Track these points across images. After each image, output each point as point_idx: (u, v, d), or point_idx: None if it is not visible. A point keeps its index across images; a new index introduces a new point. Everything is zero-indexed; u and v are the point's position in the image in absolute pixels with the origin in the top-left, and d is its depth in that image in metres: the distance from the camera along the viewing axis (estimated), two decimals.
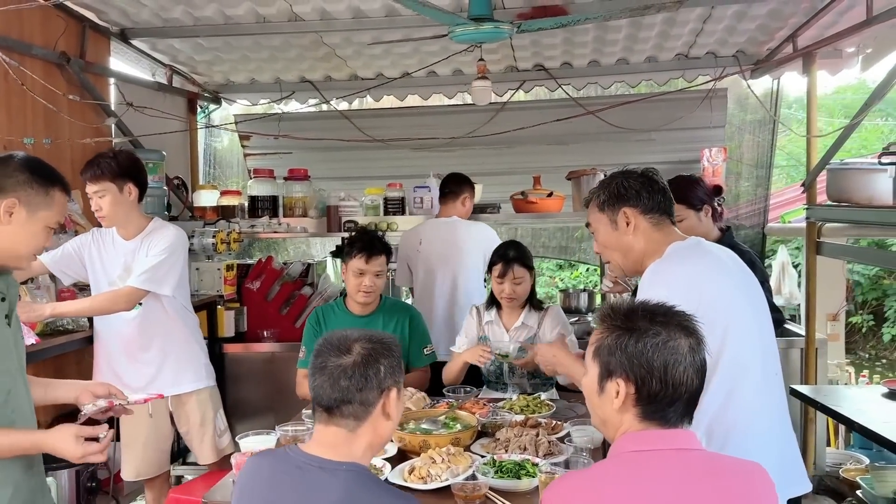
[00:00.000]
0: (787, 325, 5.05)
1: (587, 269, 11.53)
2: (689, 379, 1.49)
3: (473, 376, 3.52)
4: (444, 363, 3.77)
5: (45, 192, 2.01)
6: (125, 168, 3.22)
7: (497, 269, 3.38)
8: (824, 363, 4.64)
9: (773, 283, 6.19)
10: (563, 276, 12.33)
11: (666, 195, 2.18)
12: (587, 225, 2.36)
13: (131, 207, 3.26)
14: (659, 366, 1.47)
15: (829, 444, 5.34)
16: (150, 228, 3.30)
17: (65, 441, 1.93)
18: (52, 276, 3.48)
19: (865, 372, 6.44)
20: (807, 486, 2.20)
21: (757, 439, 2.00)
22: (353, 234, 3.64)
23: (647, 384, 1.47)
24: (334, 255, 5.52)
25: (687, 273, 2.04)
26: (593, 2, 4.05)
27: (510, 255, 3.36)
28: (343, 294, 3.56)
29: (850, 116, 11.84)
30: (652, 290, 2.03)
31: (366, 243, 3.34)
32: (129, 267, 3.23)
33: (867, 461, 4.71)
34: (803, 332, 4.59)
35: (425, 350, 3.52)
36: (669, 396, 1.48)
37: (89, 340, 3.42)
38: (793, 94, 9.18)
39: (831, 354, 5.79)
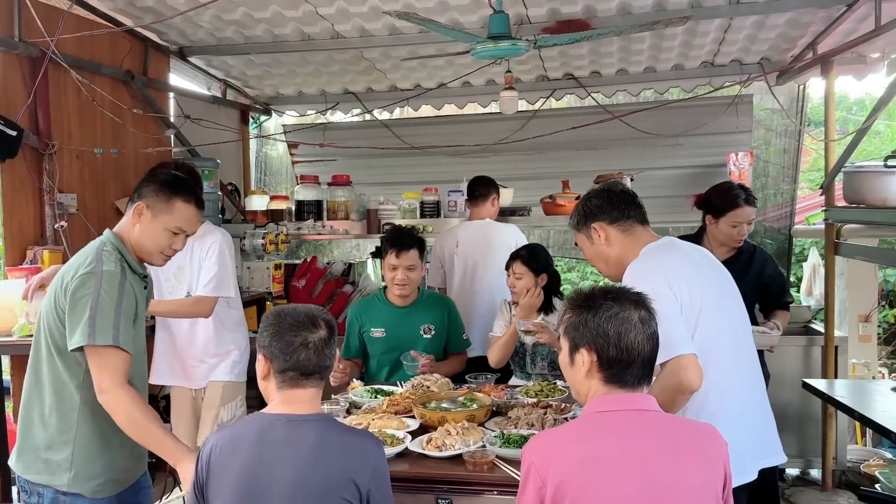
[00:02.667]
0: (811, 325, 5.20)
1: None
2: (640, 344, 1.74)
3: (505, 369, 3.79)
4: (475, 358, 4.05)
5: (166, 199, 2.44)
6: None
7: (507, 263, 3.72)
8: (845, 361, 4.76)
9: (804, 284, 6.29)
10: (608, 281, 12.40)
11: (628, 203, 2.44)
12: (576, 244, 2.66)
13: None
14: (614, 334, 1.73)
15: (856, 443, 5.44)
16: (200, 232, 3.48)
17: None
18: None
19: None
20: (781, 458, 2.42)
21: (729, 412, 2.24)
22: (387, 230, 3.88)
23: (606, 351, 1.74)
24: (374, 255, 5.82)
25: (661, 268, 2.30)
26: (613, 16, 4.29)
27: (517, 253, 3.68)
28: (384, 287, 3.81)
29: None
30: (636, 287, 2.29)
31: (396, 239, 3.57)
32: (181, 266, 3.54)
33: (891, 457, 4.82)
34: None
35: (463, 336, 3.83)
36: (625, 360, 1.74)
37: (152, 329, 3.79)
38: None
39: (862, 355, 5.86)
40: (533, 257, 3.66)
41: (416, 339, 3.65)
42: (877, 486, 4.33)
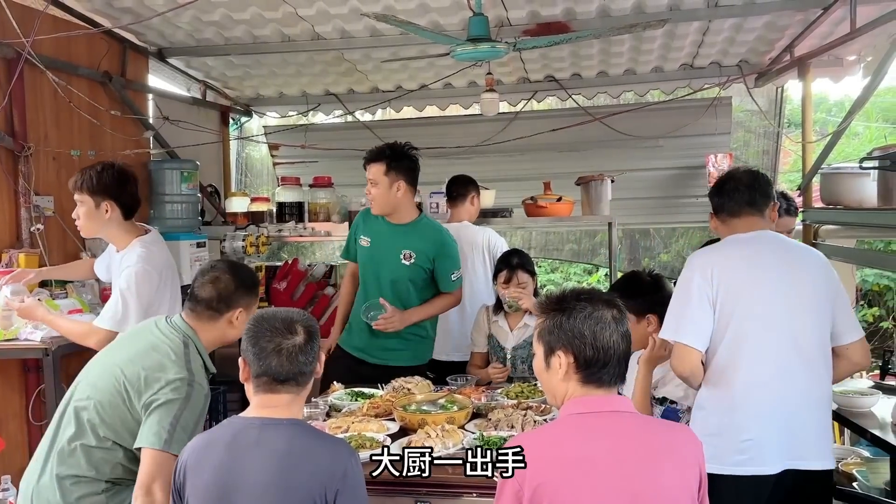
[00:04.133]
0: None
1: (605, 275, 11.63)
2: (615, 343, 1.76)
3: None
4: (453, 362, 4.04)
5: (253, 299, 2.60)
6: (106, 186, 3.06)
7: (502, 275, 3.62)
8: None
9: None
10: (590, 281, 12.46)
11: (723, 195, 2.57)
12: None
13: (110, 224, 3.13)
14: (589, 334, 1.75)
15: (834, 441, 5.49)
16: (130, 247, 3.15)
17: None
18: (97, 278, 3.80)
19: (877, 372, 6.52)
20: (819, 463, 2.42)
21: (755, 405, 2.36)
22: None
23: (583, 352, 1.75)
24: None
25: (711, 259, 2.46)
26: (592, 18, 4.30)
27: (514, 262, 3.61)
28: None
29: (890, 120, 11.71)
30: (684, 272, 2.49)
31: (369, 151, 3.57)
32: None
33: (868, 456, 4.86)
34: None
35: (452, 276, 3.65)
36: (602, 360, 1.75)
37: None
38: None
39: None
40: (528, 261, 3.66)
41: (393, 261, 3.55)
42: (854, 484, 4.38)
